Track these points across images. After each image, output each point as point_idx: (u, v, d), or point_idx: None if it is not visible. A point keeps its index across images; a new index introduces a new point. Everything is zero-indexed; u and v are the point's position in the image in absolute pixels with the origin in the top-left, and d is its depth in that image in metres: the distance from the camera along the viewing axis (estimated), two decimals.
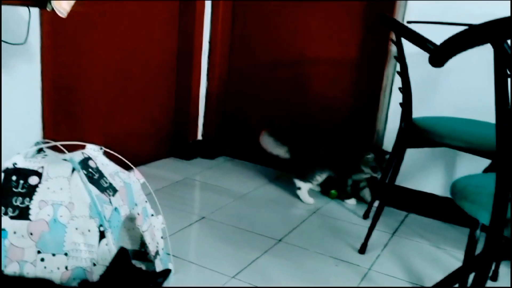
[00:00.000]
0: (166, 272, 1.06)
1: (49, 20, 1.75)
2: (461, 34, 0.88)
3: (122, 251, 1.00)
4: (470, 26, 0.85)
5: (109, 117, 2.28)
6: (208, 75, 2.65)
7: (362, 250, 1.79)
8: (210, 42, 2.60)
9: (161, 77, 2.53)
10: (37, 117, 1.81)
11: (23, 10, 1.62)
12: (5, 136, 1.70)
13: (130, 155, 1.45)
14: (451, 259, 1.82)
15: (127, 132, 2.40)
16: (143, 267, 1.50)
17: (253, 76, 2.66)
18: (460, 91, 2.02)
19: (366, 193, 2.24)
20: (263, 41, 2.58)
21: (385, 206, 2.07)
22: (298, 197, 2.25)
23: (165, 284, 1.14)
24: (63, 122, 2.03)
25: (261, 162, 2.68)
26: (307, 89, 2.51)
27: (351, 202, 2.24)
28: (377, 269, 1.68)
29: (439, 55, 0.91)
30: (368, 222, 2.00)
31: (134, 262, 1.50)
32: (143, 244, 1.51)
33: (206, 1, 2.52)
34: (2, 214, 1.12)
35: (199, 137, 2.74)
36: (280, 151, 2.31)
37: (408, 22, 1.89)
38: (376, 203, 2.05)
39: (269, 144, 2.31)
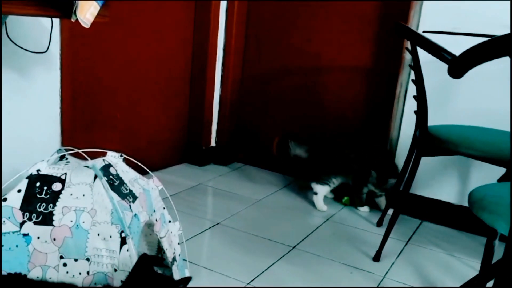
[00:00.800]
0: (187, 280, 1.08)
1: (68, 29, 1.78)
2: (480, 46, 0.89)
3: (143, 257, 1.01)
4: (491, 38, 0.86)
5: (125, 124, 2.31)
6: (222, 82, 2.68)
7: (377, 258, 1.79)
8: (224, 49, 2.63)
9: (176, 83, 2.56)
10: (56, 124, 1.84)
11: (45, 19, 1.65)
12: (25, 142, 1.74)
13: (145, 161, 1.47)
14: (466, 267, 1.81)
15: (142, 138, 2.43)
16: (160, 272, 1.51)
17: (266, 83, 2.68)
18: (475, 99, 2.02)
19: (382, 201, 2.24)
20: (276, 48, 2.60)
21: (400, 214, 2.08)
22: (311, 203, 2.26)
23: None
24: (81, 129, 2.06)
25: (274, 168, 2.70)
26: (320, 96, 2.52)
27: (364, 209, 2.24)
28: (392, 277, 1.68)
29: (459, 66, 0.92)
30: (381, 230, 2.00)
31: None
32: (160, 249, 1.53)
33: (220, 9, 2.55)
34: (26, 220, 1.14)
35: (213, 143, 2.76)
36: (300, 152, 2.32)
37: (425, 31, 1.90)
38: (390, 211, 2.05)
39: (289, 147, 2.32)
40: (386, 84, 2.29)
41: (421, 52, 1.59)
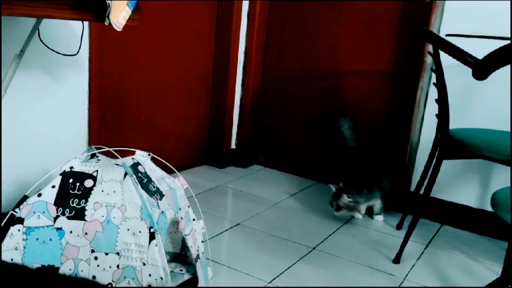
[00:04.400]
0: None
1: (97, 33, 1.84)
2: (504, 48, 0.91)
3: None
4: None
5: (148, 126, 2.36)
6: (242, 85, 2.72)
7: (397, 260, 1.80)
8: (245, 53, 2.67)
9: (198, 86, 2.61)
10: (83, 125, 1.90)
11: (75, 22, 1.71)
12: (53, 141, 1.80)
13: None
14: (487, 271, 1.81)
15: (164, 139, 2.48)
16: (183, 269, 1.55)
17: (286, 86, 2.71)
18: (496, 103, 2.02)
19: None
20: (297, 52, 2.63)
21: (420, 217, 2.08)
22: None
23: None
24: (107, 130, 2.12)
25: (293, 171, 2.72)
26: (340, 100, 2.54)
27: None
28: (412, 279, 1.69)
29: (483, 68, 0.94)
30: (401, 233, 2.01)
31: (174, 264, 1.56)
32: (183, 247, 1.57)
33: (242, 14, 2.60)
34: (60, 214, 1.19)
35: (233, 146, 2.80)
36: (349, 137, 2.30)
37: (447, 35, 1.91)
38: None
39: (344, 125, 2.31)
40: (406, 88, 2.29)
41: (442, 56, 1.61)
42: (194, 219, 1.50)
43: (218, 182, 2.53)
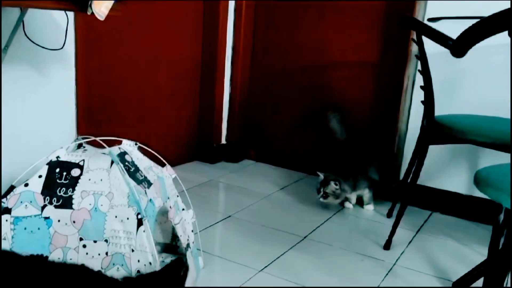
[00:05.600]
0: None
1: (83, 27, 1.85)
2: (479, 23, 0.93)
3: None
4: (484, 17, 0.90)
5: (137, 122, 2.36)
6: (231, 80, 2.73)
7: (387, 246, 1.81)
8: (233, 49, 2.68)
9: (187, 83, 2.62)
10: (71, 118, 1.90)
11: (60, 17, 1.72)
12: (41, 137, 1.80)
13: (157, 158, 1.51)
14: (477, 255, 1.83)
15: (154, 135, 2.48)
16: (174, 259, 1.55)
17: (275, 81, 2.72)
18: (481, 90, 2.04)
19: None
20: (284, 46, 2.64)
21: (409, 205, 2.10)
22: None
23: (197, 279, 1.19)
24: (95, 126, 2.12)
25: (284, 165, 2.73)
26: (328, 93, 2.55)
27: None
28: (402, 264, 1.71)
29: (460, 45, 0.95)
30: (391, 221, 2.02)
31: (165, 255, 1.56)
32: (174, 237, 1.57)
33: (229, 10, 2.61)
34: (47, 203, 1.19)
35: (223, 141, 2.81)
36: (338, 130, 2.33)
37: (429, 19, 1.93)
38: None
39: (333, 120, 2.34)
40: (394, 78, 2.31)
41: (428, 45, 1.63)
42: (183, 209, 1.51)
43: (210, 176, 2.54)
